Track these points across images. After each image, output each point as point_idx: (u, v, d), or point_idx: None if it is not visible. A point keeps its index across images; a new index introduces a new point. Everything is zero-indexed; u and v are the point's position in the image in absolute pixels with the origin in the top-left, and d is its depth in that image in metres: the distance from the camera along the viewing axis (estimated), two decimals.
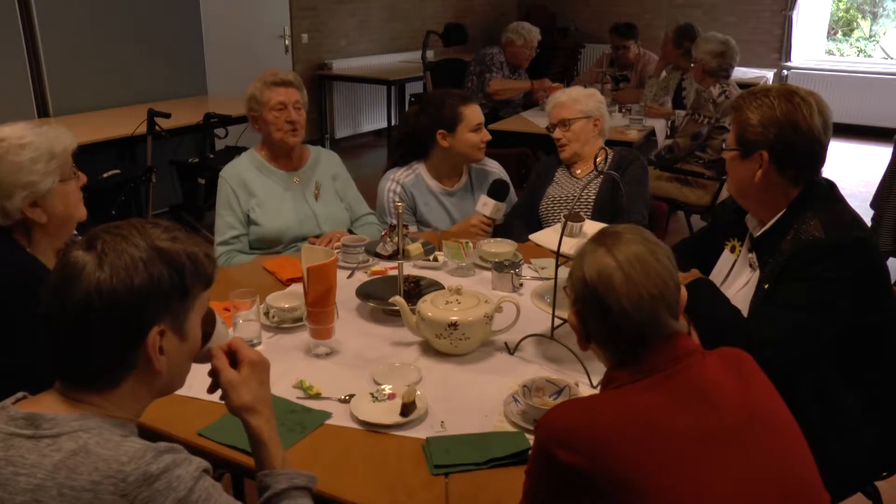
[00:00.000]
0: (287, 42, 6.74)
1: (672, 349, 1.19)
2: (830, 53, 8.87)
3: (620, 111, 5.08)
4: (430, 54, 6.93)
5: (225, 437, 1.50)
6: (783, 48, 8.25)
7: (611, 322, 1.20)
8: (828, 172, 1.81)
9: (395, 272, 2.13)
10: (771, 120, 1.71)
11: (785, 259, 1.71)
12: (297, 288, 2.12)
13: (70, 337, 1.03)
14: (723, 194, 4.19)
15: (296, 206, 2.67)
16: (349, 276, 2.32)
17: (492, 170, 2.94)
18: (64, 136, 1.83)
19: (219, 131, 4.68)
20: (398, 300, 1.89)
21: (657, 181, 4.34)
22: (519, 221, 2.87)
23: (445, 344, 1.81)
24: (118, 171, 4.19)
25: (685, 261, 1.77)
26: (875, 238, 1.98)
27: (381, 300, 2.03)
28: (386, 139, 7.19)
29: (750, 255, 1.89)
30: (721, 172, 4.17)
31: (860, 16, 8.95)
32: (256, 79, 2.66)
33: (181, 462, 1.00)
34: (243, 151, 2.79)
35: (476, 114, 2.75)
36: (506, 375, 1.75)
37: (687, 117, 4.36)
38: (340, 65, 7.26)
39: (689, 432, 1.10)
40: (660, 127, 4.97)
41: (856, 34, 8.99)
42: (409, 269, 2.30)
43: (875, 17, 8.87)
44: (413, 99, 7.22)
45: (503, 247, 2.39)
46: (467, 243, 2.36)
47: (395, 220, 2.05)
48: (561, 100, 2.91)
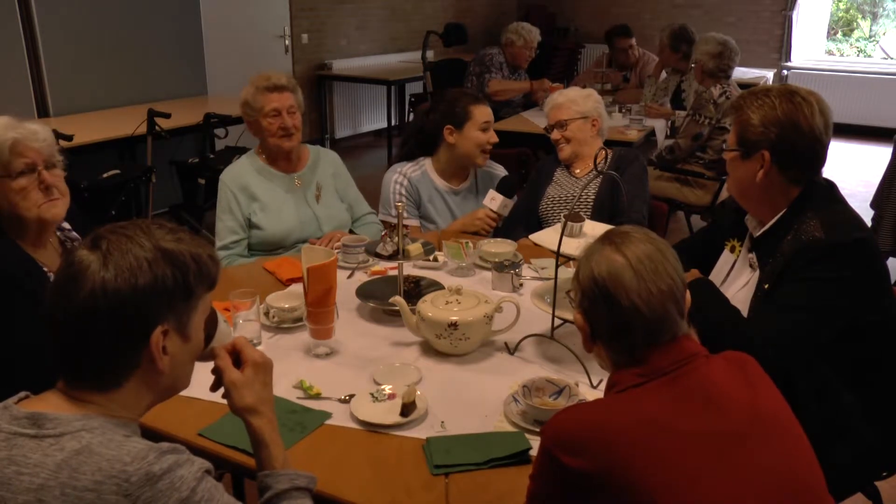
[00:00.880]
0: (287, 42, 6.74)
1: (678, 351, 1.19)
2: (830, 53, 8.87)
3: (620, 111, 5.08)
4: (430, 54, 6.93)
5: (225, 438, 1.50)
6: (783, 48, 8.25)
7: (620, 319, 1.19)
8: (828, 172, 1.81)
9: (395, 272, 2.13)
10: (772, 120, 1.71)
11: (785, 259, 1.71)
12: (297, 288, 2.12)
13: (74, 336, 1.03)
14: (723, 194, 4.20)
15: (297, 209, 2.67)
16: (349, 276, 2.32)
17: (498, 173, 2.95)
18: (11, 129, 1.79)
19: (219, 131, 4.68)
20: (398, 300, 1.89)
21: (657, 181, 4.34)
22: (519, 221, 2.87)
23: (445, 344, 1.81)
24: (118, 171, 4.19)
25: (685, 261, 1.75)
26: (875, 238, 1.98)
27: (381, 300, 2.03)
28: (386, 139, 7.19)
29: (750, 255, 1.89)
30: (721, 173, 4.17)
31: (860, 16, 8.96)
32: (249, 82, 2.63)
33: (184, 462, 1.00)
34: (243, 151, 2.79)
35: (485, 113, 2.77)
36: (506, 375, 1.75)
37: (688, 118, 4.35)
38: (340, 65, 7.26)
39: (695, 436, 1.10)
40: (660, 127, 4.97)
41: (856, 34, 8.99)
42: (409, 269, 2.30)
43: (875, 17, 8.87)
44: (413, 99, 7.23)
45: (503, 247, 2.39)
46: (467, 243, 2.37)
47: (397, 214, 2.05)
48: (558, 101, 2.91)
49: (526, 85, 5.59)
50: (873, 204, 4.03)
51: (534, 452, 1.45)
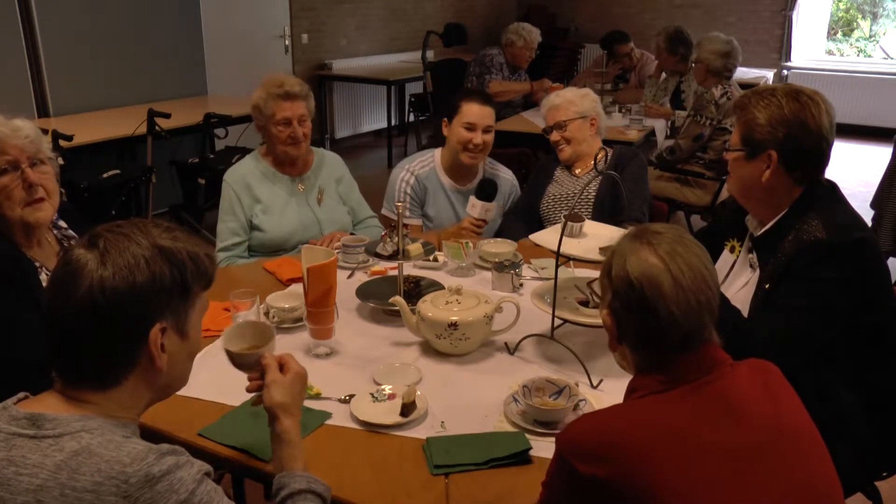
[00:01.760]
0: (287, 42, 6.74)
1: (704, 358, 1.16)
2: (830, 53, 8.87)
3: (620, 111, 5.08)
4: (430, 54, 6.93)
5: (225, 438, 1.50)
6: (783, 48, 8.26)
7: (654, 326, 1.15)
8: (828, 172, 1.80)
9: (395, 272, 2.13)
10: (780, 119, 1.70)
11: (786, 259, 1.71)
12: (297, 288, 2.11)
13: (73, 334, 1.03)
14: (723, 194, 4.20)
15: (299, 212, 2.67)
16: (349, 276, 2.32)
17: (504, 176, 2.96)
18: None
19: (219, 131, 4.68)
20: (398, 300, 1.89)
21: (657, 181, 4.34)
22: (519, 221, 2.87)
23: (445, 344, 1.81)
24: (118, 171, 4.19)
25: None
26: (875, 238, 1.98)
27: (381, 300, 2.03)
28: (386, 139, 7.19)
29: (750, 256, 1.89)
30: (721, 173, 4.17)
31: (860, 16, 8.95)
32: (262, 85, 2.61)
33: (183, 464, 1.00)
34: (243, 151, 2.79)
35: (473, 112, 2.75)
36: (506, 375, 1.75)
37: (688, 119, 4.35)
38: (340, 65, 7.26)
39: (715, 448, 1.08)
40: (660, 127, 4.97)
41: (856, 34, 8.99)
42: (409, 269, 2.30)
43: (875, 17, 8.87)
44: (413, 99, 7.24)
45: (503, 247, 2.39)
46: (467, 243, 2.37)
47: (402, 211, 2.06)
48: (555, 102, 2.91)
49: (526, 86, 5.59)
50: (873, 204, 4.03)
51: (534, 452, 1.45)
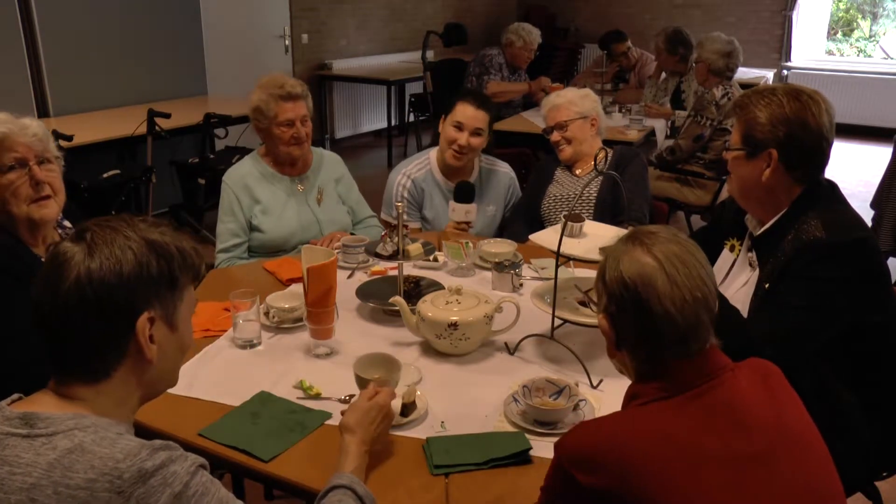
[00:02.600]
0: (287, 42, 6.74)
1: (705, 364, 1.14)
2: (830, 53, 8.87)
3: (620, 111, 5.08)
4: (430, 54, 6.93)
5: (225, 438, 1.50)
6: (783, 48, 8.26)
7: (650, 326, 1.14)
8: (828, 172, 1.80)
9: (395, 272, 2.13)
10: (780, 118, 1.70)
11: (785, 259, 1.71)
12: (297, 288, 2.11)
13: (61, 325, 1.03)
14: (723, 194, 4.20)
15: (299, 212, 2.66)
16: (349, 276, 2.32)
17: (502, 170, 2.95)
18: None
19: (219, 131, 4.68)
20: (398, 300, 1.89)
21: (657, 181, 4.34)
22: (520, 221, 2.87)
23: (445, 344, 1.81)
24: (118, 171, 4.19)
25: None
26: (875, 238, 1.98)
27: (381, 300, 2.03)
28: (386, 139, 7.19)
29: (749, 255, 1.89)
30: (721, 173, 4.17)
31: (860, 16, 8.96)
32: (260, 87, 2.59)
33: (177, 458, 1.00)
34: (243, 151, 2.78)
35: (464, 113, 2.74)
36: (506, 375, 1.75)
37: (689, 119, 4.35)
38: (340, 65, 7.26)
39: (718, 457, 1.06)
40: (660, 127, 4.97)
41: (856, 34, 8.99)
42: (409, 269, 2.29)
43: (875, 17, 8.87)
44: (413, 99, 7.24)
45: (503, 247, 2.39)
46: (467, 243, 2.37)
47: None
48: (556, 103, 2.91)
49: (524, 86, 5.59)
50: (873, 204, 4.03)
51: (534, 452, 1.45)
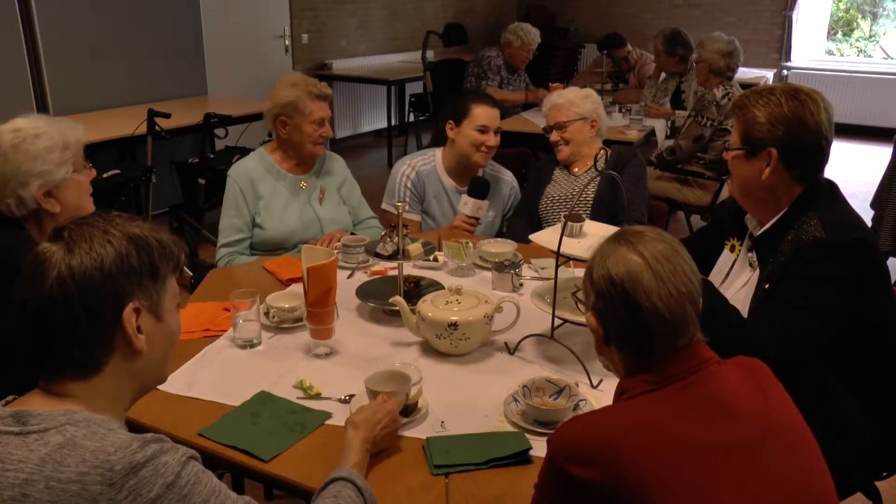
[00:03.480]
0: (287, 42, 6.74)
1: (692, 357, 1.17)
2: (830, 53, 8.87)
3: (620, 111, 5.08)
4: (430, 54, 6.93)
5: (225, 438, 1.50)
6: (783, 48, 8.25)
7: (638, 321, 1.16)
8: (828, 172, 1.81)
9: (395, 272, 2.13)
10: (779, 117, 1.71)
11: (785, 259, 1.71)
12: (297, 288, 2.12)
13: (47, 324, 1.04)
14: (723, 194, 4.20)
15: (300, 211, 2.67)
16: (349, 276, 2.32)
17: (505, 178, 2.96)
18: (76, 128, 1.87)
19: (219, 131, 4.67)
20: (398, 300, 1.89)
21: (657, 181, 4.34)
22: (520, 221, 2.87)
23: (445, 344, 1.81)
24: (118, 171, 4.19)
25: None
26: (875, 238, 1.98)
27: (381, 300, 2.03)
28: (386, 139, 7.19)
29: (750, 255, 1.89)
30: (721, 173, 4.17)
31: (860, 16, 8.96)
32: (293, 84, 2.61)
33: (168, 450, 1.01)
34: (243, 151, 2.78)
35: (486, 115, 2.75)
36: (506, 375, 1.75)
37: (689, 119, 4.35)
38: (340, 65, 7.26)
39: (705, 446, 1.08)
40: (660, 127, 4.97)
41: (856, 34, 8.99)
42: (409, 269, 2.29)
43: (875, 17, 8.87)
44: (413, 99, 7.24)
45: (503, 247, 2.39)
46: (467, 243, 2.37)
47: (401, 204, 2.06)
48: (557, 102, 2.91)
49: (521, 96, 5.57)
50: (873, 204, 4.03)
51: (534, 452, 1.45)
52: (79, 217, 1.12)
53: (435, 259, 2.39)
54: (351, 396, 1.63)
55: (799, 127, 1.70)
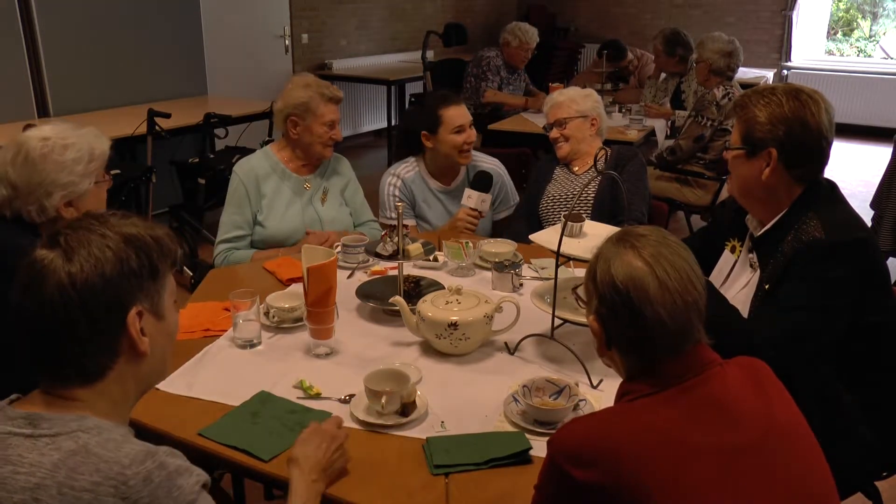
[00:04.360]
0: (287, 42, 6.74)
1: (693, 360, 1.16)
2: (830, 53, 8.87)
3: (620, 111, 5.08)
4: (430, 54, 6.93)
5: (225, 438, 1.50)
6: (783, 48, 8.25)
7: (641, 329, 1.15)
8: (828, 172, 1.80)
9: (395, 272, 2.13)
10: (780, 117, 1.71)
11: (786, 259, 1.71)
12: (297, 288, 2.12)
13: (48, 332, 1.02)
14: (723, 194, 4.19)
15: (302, 211, 2.67)
16: (349, 276, 2.32)
17: (488, 166, 2.95)
18: (102, 140, 1.90)
19: (219, 131, 4.67)
20: (398, 300, 1.89)
21: (657, 181, 4.34)
22: (520, 221, 2.87)
23: (445, 344, 1.81)
24: (118, 171, 4.17)
25: None
26: (875, 238, 1.98)
27: (381, 300, 2.03)
28: (386, 139, 7.19)
29: (750, 256, 1.89)
30: (721, 173, 4.17)
31: (860, 16, 8.95)
32: (305, 84, 2.62)
33: (183, 471, 1.00)
34: (243, 151, 2.79)
35: (457, 115, 2.75)
36: (506, 375, 1.75)
37: (689, 119, 4.35)
38: (340, 65, 7.25)
39: (707, 449, 1.08)
40: (660, 127, 4.96)
41: (856, 34, 8.99)
42: (409, 269, 2.29)
43: (875, 17, 8.87)
44: (413, 99, 7.23)
45: (503, 247, 2.39)
46: (467, 243, 2.37)
47: (394, 215, 2.05)
48: (558, 100, 2.92)
49: (521, 101, 5.56)
50: (873, 204, 4.03)
51: (534, 452, 1.45)
52: (71, 220, 1.10)
53: (435, 259, 2.39)
54: (351, 396, 1.63)
55: (799, 127, 1.70)
